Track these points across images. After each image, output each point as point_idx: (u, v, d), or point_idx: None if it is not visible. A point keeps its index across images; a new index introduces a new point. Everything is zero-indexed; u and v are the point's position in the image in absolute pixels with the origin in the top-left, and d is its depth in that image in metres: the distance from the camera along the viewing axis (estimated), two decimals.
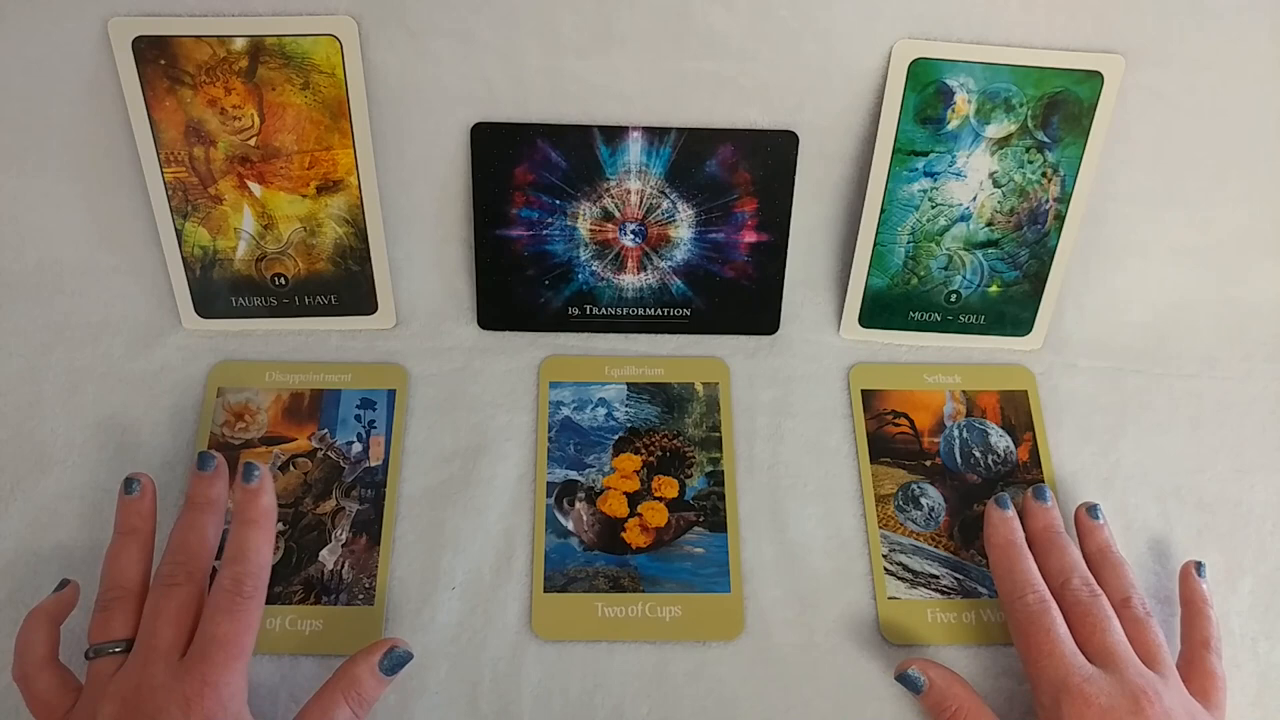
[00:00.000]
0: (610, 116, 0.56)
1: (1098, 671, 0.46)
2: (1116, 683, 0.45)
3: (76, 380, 0.58)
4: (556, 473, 0.56)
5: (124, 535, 0.48)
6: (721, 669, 0.51)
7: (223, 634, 0.44)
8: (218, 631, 0.44)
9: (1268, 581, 0.55)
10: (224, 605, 0.45)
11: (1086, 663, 0.46)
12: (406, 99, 0.56)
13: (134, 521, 0.48)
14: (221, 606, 0.45)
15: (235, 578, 0.46)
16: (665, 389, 0.59)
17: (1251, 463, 0.59)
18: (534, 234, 0.59)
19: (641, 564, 0.54)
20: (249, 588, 0.45)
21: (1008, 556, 0.51)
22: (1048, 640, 0.47)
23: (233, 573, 0.46)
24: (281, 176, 0.57)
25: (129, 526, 0.48)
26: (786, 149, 0.57)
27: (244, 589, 0.45)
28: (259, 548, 0.47)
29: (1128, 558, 0.52)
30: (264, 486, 0.48)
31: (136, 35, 0.53)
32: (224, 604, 0.45)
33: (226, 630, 0.44)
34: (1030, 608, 0.48)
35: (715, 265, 0.60)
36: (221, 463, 0.50)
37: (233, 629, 0.44)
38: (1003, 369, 0.61)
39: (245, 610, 0.45)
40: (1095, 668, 0.46)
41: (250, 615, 0.45)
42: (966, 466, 0.58)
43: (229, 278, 0.59)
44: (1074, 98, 0.55)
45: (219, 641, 0.44)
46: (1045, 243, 0.59)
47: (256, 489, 0.48)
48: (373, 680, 0.47)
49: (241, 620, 0.45)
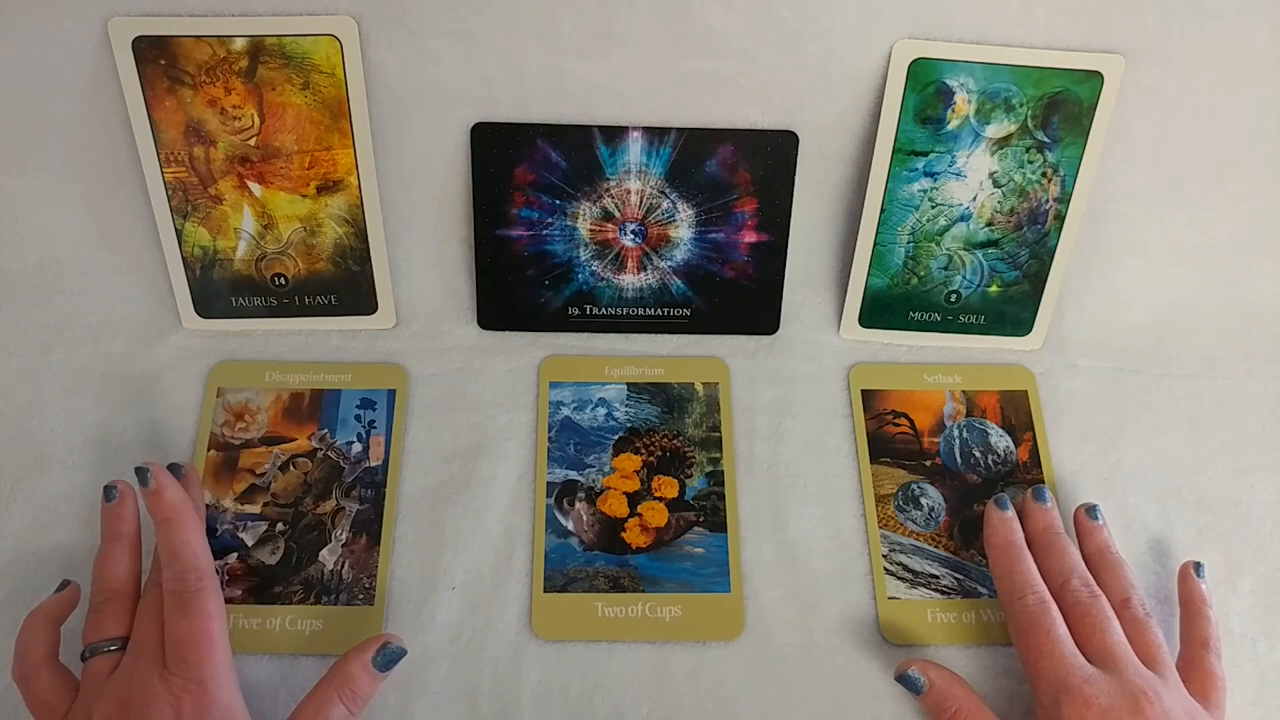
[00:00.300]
0: (610, 116, 0.56)
1: (1097, 672, 0.46)
2: (1116, 683, 0.45)
3: (76, 380, 0.58)
4: (556, 473, 0.56)
5: (110, 540, 0.49)
6: (721, 669, 0.51)
7: (184, 633, 0.45)
8: (178, 632, 0.45)
9: (1268, 581, 0.55)
10: (174, 606, 0.45)
11: (1086, 663, 0.46)
12: (406, 99, 0.56)
13: (118, 527, 0.49)
14: (173, 608, 0.45)
15: (175, 577, 0.46)
16: (665, 389, 0.59)
17: (1251, 463, 0.58)
18: (534, 234, 0.59)
19: (641, 564, 0.54)
20: (192, 582, 0.46)
21: (1007, 557, 0.51)
22: (1047, 641, 0.47)
23: (171, 574, 0.46)
24: (281, 176, 0.57)
25: (114, 532, 0.49)
26: (786, 149, 0.57)
27: (187, 585, 0.46)
28: (186, 541, 0.47)
29: (1128, 558, 0.52)
30: (161, 484, 0.48)
31: (136, 35, 0.53)
32: (174, 605, 0.46)
33: (187, 628, 0.45)
34: (1030, 608, 0.48)
35: (715, 265, 0.60)
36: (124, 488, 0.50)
37: (192, 625, 0.45)
38: (1003, 369, 0.61)
39: (197, 603, 0.45)
40: (1095, 668, 0.46)
41: (205, 605, 0.45)
42: (966, 466, 0.58)
43: (229, 278, 0.59)
44: (1074, 98, 0.55)
45: (185, 641, 0.45)
46: (1045, 243, 0.59)
47: (155, 489, 0.48)
48: (366, 676, 0.47)
49: (197, 613, 0.45)
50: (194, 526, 0.48)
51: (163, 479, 0.48)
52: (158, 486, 0.48)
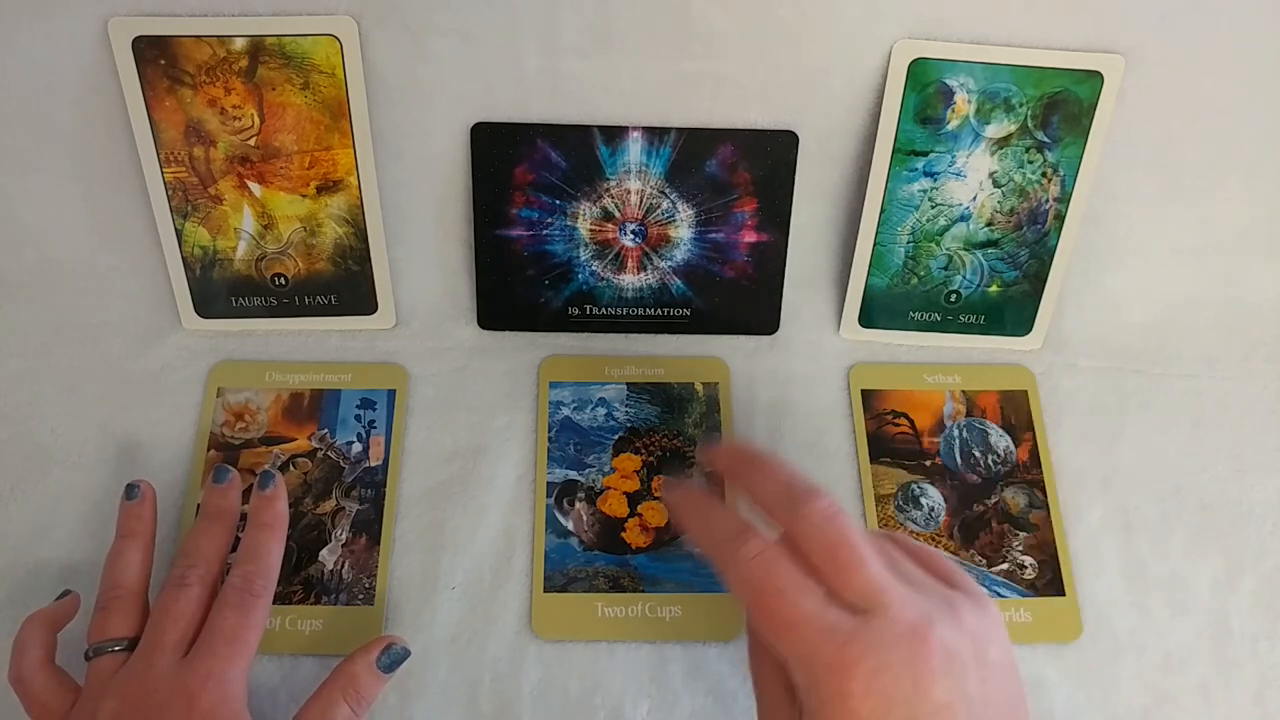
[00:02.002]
0: (610, 116, 0.56)
1: (859, 623, 0.35)
2: (884, 627, 0.35)
3: (76, 380, 0.58)
4: (556, 473, 0.56)
5: (125, 538, 0.49)
6: (721, 669, 0.51)
7: (229, 627, 0.45)
8: (224, 624, 0.45)
9: (1268, 581, 0.55)
10: (232, 600, 0.46)
11: (844, 616, 0.36)
12: (406, 99, 0.56)
13: (135, 525, 0.49)
14: (230, 601, 0.46)
15: (245, 576, 0.46)
16: (665, 389, 0.59)
17: (1251, 463, 0.58)
18: (534, 234, 0.59)
19: (641, 564, 0.54)
20: (258, 586, 0.46)
21: (697, 509, 0.40)
22: (784, 604, 0.36)
23: (244, 571, 0.47)
24: (281, 176, 0.57)
25: (130, 530, 0.49)
26: (786, 149, 0.57)
27: (254, 587, 0.46)
28: (270, 550, 0.48)
29: (1128, 557, 0.52)
30: (278, 494, 0.50)
31: (136, 35, 0.53)
32: (233, 599, 0.46)
33: (233, 624, 0.45)
34: (750, 565, 0.37)
35: (715, 265, 0.60)
36: (236, 477, 0.51)
37: (239, 623, 0.45)
38: (1003, 369, 0.61)
39: (253, 607, 0.46)
40: (856, 618, 0.35)
41: (257, 613, 0.46)
42: (966, 466, 0.58)
43: (229, 278, 0.59)
44: (1074, 98, 0.55)
45: (225, 635, 0.44)
46: (1045, 243, 0.59)
47: (271, 495, 0.50)
48: (371, 678, 0.47)
49: (248, 616, 0.45)
50: (281, 542, 0.49)
51: (282, 490, 0.50)
52: (275, 494, 0.50)
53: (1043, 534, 0.56)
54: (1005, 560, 0.55)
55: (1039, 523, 0.56)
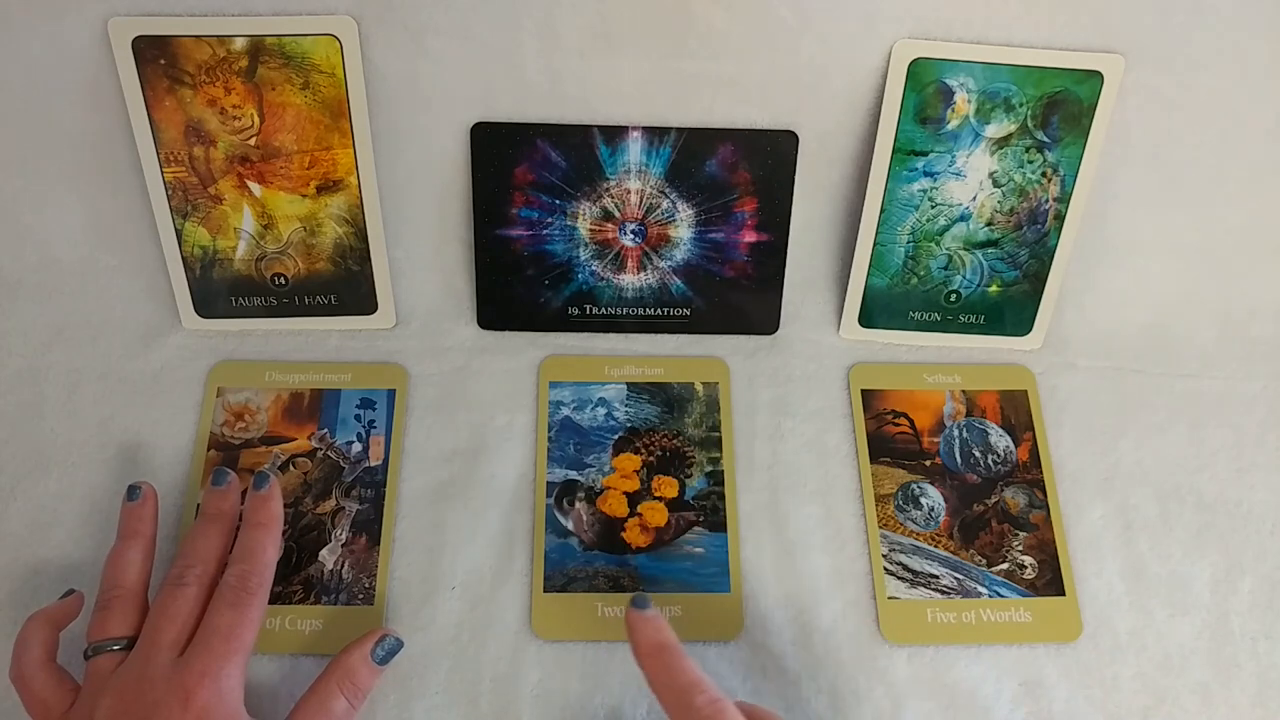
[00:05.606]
0: (610, 116, 0.56)
1: None
2: None
3: (76, 380, 0.58)
4: (556, 472, 0.56)
5: (125, 538, 0.49)
6: (721, 669, 0.51)
7: (225, 625, 0.45)
8: (220, 623, 0.45)
9: (1268, 581, 0.55)
10: (228, 599, 0.46)
11: None
12: (406, 99, 0.56)
13: (136, 526, 0.49)
14: (225, 600, 0.46)
15: (241, 575, 0.47)
16: (665, 389, 0.59)
17: (1251, 463, 0.58)
18: (534, 234, 0.59)
19: (641, 564, 0.54)
20: (253, 584, 0.47)
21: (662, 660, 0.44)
22: None
23: (239, 570, 0.47)
24: (281, 176, 0.57)
25: (131, 530, 0.49)
26: (786, 149, 0.57)
27: (249, 585, 0.46)
28: (265, 549, 0.48)
29: (1128, 557, 0.52)
30: (272, 494, 0.50)
31: (136, 35, 0.53)
32: (228, 597, 0.46)
33: (229, 622, 0.45)
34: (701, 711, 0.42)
35: (715, 265, 0.60)
36: (235, 479, 0.51)
37: (234, 621, 0.45)
38: (1003, 369, 0.61)
39: (248, 605, 0.46)
40: None
41: (252, 610, 0.46)
42: (966, 466, 0.58)
43: (229, 277, 0.59)
44: (1074, 98, 0.55)
45: (220, 633, 0.45)
46: (1045, 242, 0.59)
47: (266, 495, 0.50)
48: (366, 669, 0.48)
49: (244, 614, 0.46)
50: (276, 541, 0.49)
51: (277, 490, 0.51)
52: (270, 495, 0.50)
53: (1043, 534, 0.56)
54: (1005, 560, 0.55)
55: (1039, 523, 0.56)
